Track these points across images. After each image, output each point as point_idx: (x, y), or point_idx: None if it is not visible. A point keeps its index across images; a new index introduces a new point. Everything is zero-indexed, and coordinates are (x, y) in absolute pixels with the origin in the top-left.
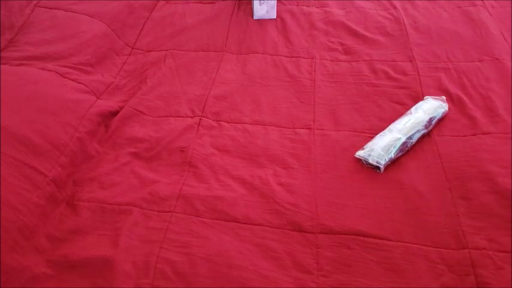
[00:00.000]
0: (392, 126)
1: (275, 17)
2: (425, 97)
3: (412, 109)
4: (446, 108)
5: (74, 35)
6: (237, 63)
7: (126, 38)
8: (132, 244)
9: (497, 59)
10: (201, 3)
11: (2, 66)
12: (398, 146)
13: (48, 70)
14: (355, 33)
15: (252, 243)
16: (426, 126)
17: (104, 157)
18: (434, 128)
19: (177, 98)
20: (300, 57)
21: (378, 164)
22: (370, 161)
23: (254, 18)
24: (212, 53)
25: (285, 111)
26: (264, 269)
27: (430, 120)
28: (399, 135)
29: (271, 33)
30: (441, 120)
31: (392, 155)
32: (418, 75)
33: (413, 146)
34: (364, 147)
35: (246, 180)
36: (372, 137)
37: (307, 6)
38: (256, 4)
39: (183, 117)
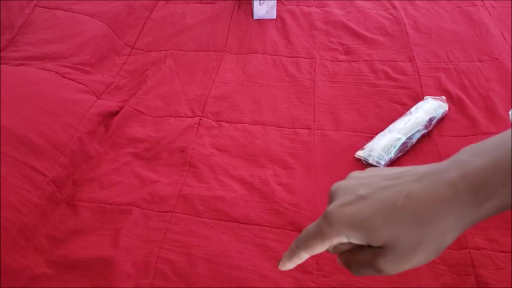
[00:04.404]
0: (392, 126)
1: (275, 17)
2: (425, 97)
3: (412, 109)
4: (446, 108)
5: (74, 35)
6: (237, 63)
7: (126, 38)
8: (132, 244)
9: (497, 59)
10: (201, 3)
11: (2, 66)
12: (398, 146)
13: (48, 70)
14: (355, 33)
15: (252, 244)
16: (426, 126)
17: (104, 157)
18: (435, 128)
19: (177, 98)
20: (300, 57)
21: (378, 164)
22: (370, 161)
23: (254, 18)
24: (212, 53)
25: (285, 111)
26: (264, 269)
27: (430, 120)
28: (399, 135)
29: (271, 33)
30: (441, 120)
31: (392, 155)
32: (418, 75)
33: (413, 146)
34: (364, 147)
35: (246, 180)
36: (372, 137)
37: (307, 6)
38: (256, 4)
39: (183, 117)
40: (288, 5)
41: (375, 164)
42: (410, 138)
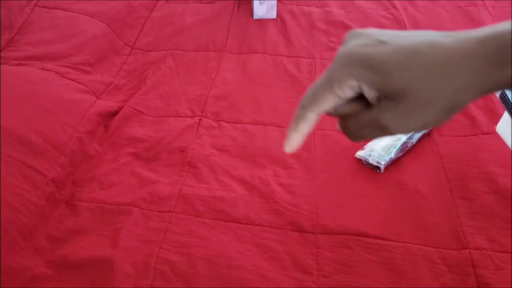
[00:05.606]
0: None
1: (275, 16)
2: None
3: None
4: None
5: (74, 34)
6: (236, 63)
7: (125, 37)
8: (132, 244)
9: None
10: (201, 2)
11: (1, 66)
12: (398, 146)
13: (47, 70)
14: None
15: (252, 244)
16: None
17: (104, 157)
18: (435, 128)
19: (176, 98)
20: (300, 57)
21: (378, 164)
22: (371, 161)
23: (254, 18)
24: (212, 53)
25: (285, 111)
26: (264, 269)
27: None
28: (399, 135)
29: (271, 33)
30: None
31: (392, 155)
32: None
33: (414, 146)
34: (365, 147)
35: (246, 181)
36: None
37: (308, 6)
38: (256, 4)
39: (182, 117)
40: (288, 5)
41: (375, 164)
42: (410, 138)
